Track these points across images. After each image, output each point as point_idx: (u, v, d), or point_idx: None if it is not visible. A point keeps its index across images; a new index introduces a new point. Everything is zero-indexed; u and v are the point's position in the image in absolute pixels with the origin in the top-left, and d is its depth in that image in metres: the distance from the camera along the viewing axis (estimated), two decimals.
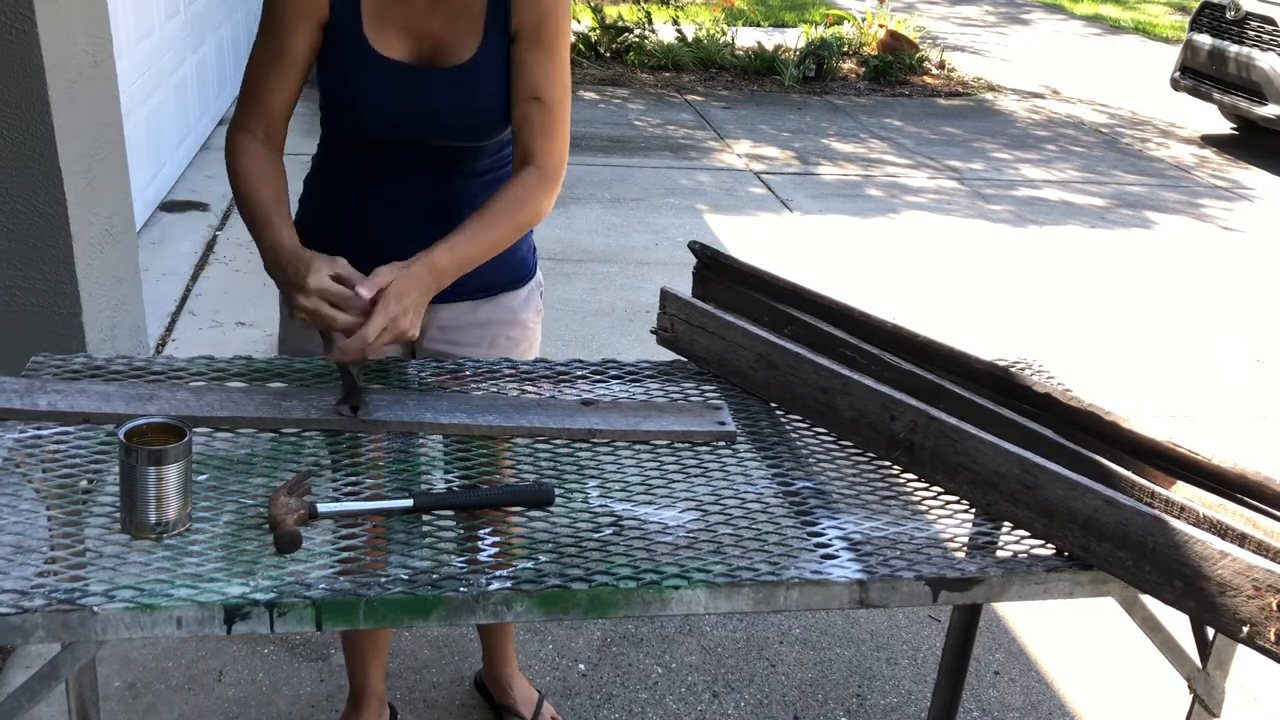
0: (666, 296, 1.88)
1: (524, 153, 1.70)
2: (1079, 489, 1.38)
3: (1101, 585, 1.41)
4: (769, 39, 9.55)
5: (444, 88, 1.67)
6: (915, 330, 1.75)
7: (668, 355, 1.90)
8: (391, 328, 1.51)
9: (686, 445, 1.62)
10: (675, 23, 9.37)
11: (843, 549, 1.40)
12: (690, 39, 9.02)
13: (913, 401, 1.56)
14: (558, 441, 1.62)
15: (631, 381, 1.82)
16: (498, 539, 1.39)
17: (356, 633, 2.08)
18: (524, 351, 1.92)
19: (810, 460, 1.62)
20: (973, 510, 1.51)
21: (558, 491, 1.48)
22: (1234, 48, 7.39)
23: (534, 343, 1.95)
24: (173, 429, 1.33)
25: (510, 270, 1.85)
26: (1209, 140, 8.04)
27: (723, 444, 1.65)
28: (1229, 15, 7.45)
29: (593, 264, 1.82)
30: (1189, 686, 1.50)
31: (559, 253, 4.74)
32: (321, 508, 1.36)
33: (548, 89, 1.69)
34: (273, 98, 1.68)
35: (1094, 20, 13.36)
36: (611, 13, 9.38)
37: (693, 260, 1.95)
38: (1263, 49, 7.17)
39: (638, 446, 1.62)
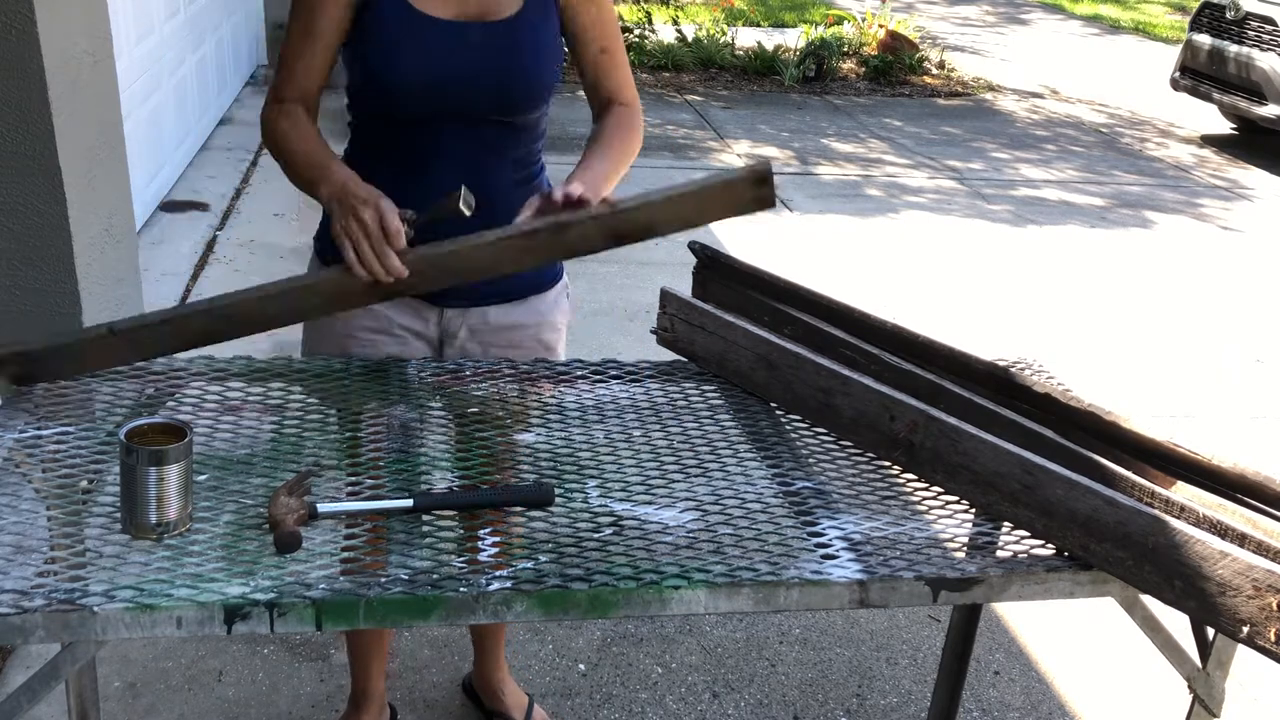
0: (666, 296, 1.88)
1: (607, 97, 1.80)
2: (1079, 489, 1.38)
3: (1101, 585, 1.41)
4: (769, 39, 9.55)
5: (486, 43, 1.66)
6: (915, 330, 1.75)
7: (668, 355, 1.90)
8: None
9: (686, 445, 1.62)
10: (675, 23, 9.37)
11: (843, 549, 1.40)
12: (690, 39, 9.01)
13: (913, 401, 1.56)
14: (558, 441, 1.62)
15: (631, 381, 1.82)
16: (498, 539, 1.39)
17: (358, 633, 2.08)
18: (553, 353, 1.92)
19: (810, 460, 1.62)
20: (973, 510, 1.51)
21: (558, 491, 1.48)
22: (1234, 48, 7.38)
23: (562, 345, 1.95)
24: (173, 429, 1.33)
25: (538, 274, 1.85)
26: (1208, 140, 8.04)
27: (723, 444, 1.65)
28: (1229, 15, 7.45)
29: (592, 263, 1.81)
30: (1189, 686, 1.50)
31: None
32: (321, 508, 1.36)
33: (612, 40, 1.78)
34: (305, 76, 1.70)
35: (1093, 20, 13.36)
36: None
37: (693, 260, 1.95)
38: (1263, 49, 7.17)
39: (638, 446, 1.62)
